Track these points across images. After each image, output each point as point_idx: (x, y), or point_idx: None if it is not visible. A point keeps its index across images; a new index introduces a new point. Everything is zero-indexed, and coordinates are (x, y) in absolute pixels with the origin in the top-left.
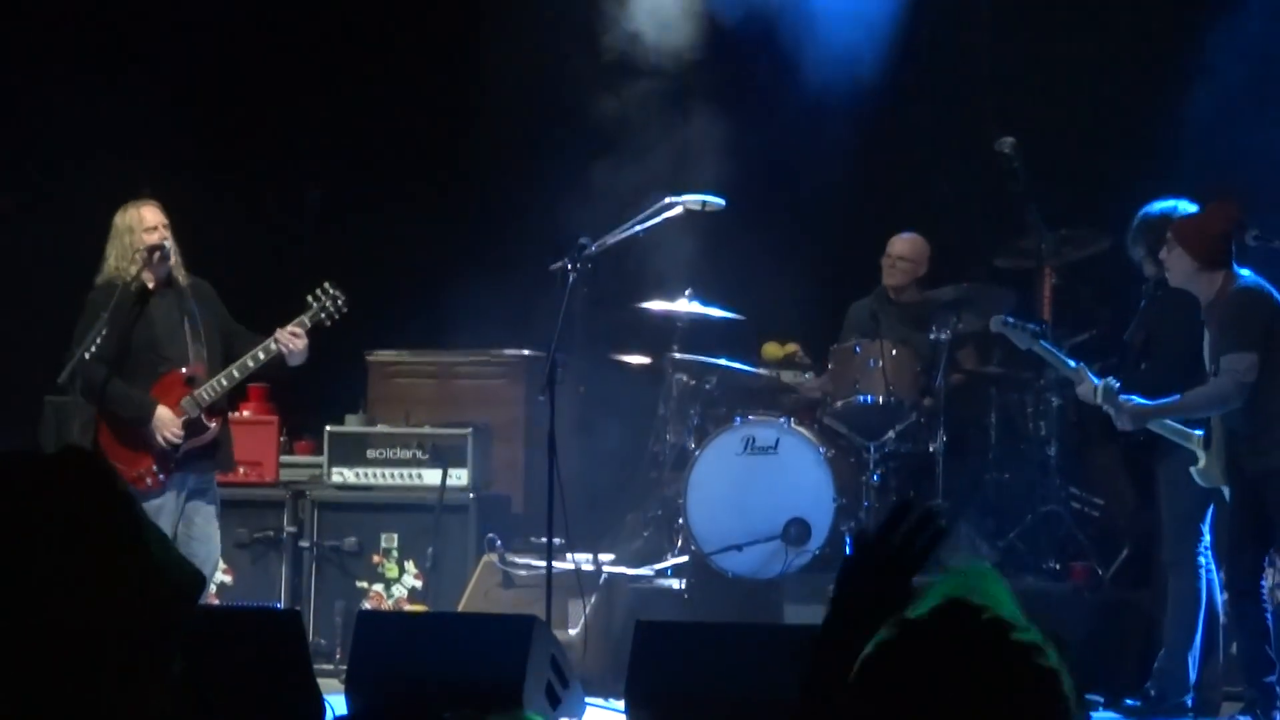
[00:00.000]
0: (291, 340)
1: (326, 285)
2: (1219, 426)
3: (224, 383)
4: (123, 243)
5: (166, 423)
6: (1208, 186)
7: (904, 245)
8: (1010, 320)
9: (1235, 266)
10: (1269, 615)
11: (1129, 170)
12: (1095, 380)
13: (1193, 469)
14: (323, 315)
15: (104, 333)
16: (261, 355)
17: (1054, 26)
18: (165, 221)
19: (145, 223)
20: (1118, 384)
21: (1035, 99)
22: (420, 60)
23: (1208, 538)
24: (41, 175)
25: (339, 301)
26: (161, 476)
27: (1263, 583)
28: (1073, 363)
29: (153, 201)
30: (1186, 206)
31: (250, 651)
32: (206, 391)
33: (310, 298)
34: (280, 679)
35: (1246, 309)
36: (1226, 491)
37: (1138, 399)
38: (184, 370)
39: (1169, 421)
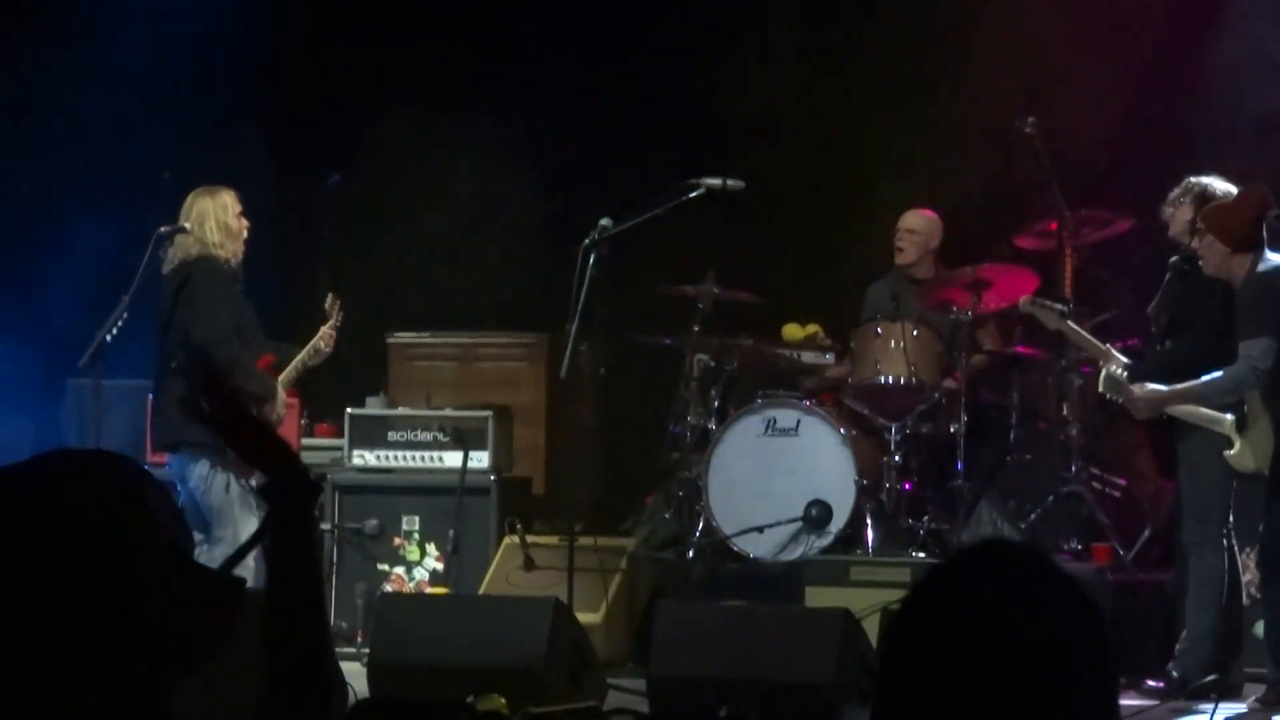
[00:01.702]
0: (332, 341)
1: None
2: (1262, 413)
3: (298, 369)
4: (225, 222)
5: (283, 402)
6: (1233, 167)
7: (912, 219)
8: (1038, 300)
9: (1266, 251)
10: None
11: (1150, 150)
12: (1123, 360)
13: (1227, 454)
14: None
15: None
16: (315, 350)
17: (1076, 5)
18: None
19: (238, 206)
20: (1124, 373)
21: (1057, 79)
22: (437, 42)
23: (1230, 519)
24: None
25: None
26: None
27: None
28: (1099, 343)
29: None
30: (1221, 183)
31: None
32: (286, 377)
33: (331, 298)
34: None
35: (1266, 293)
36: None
37: (1152, 385)
38: (273, 356)
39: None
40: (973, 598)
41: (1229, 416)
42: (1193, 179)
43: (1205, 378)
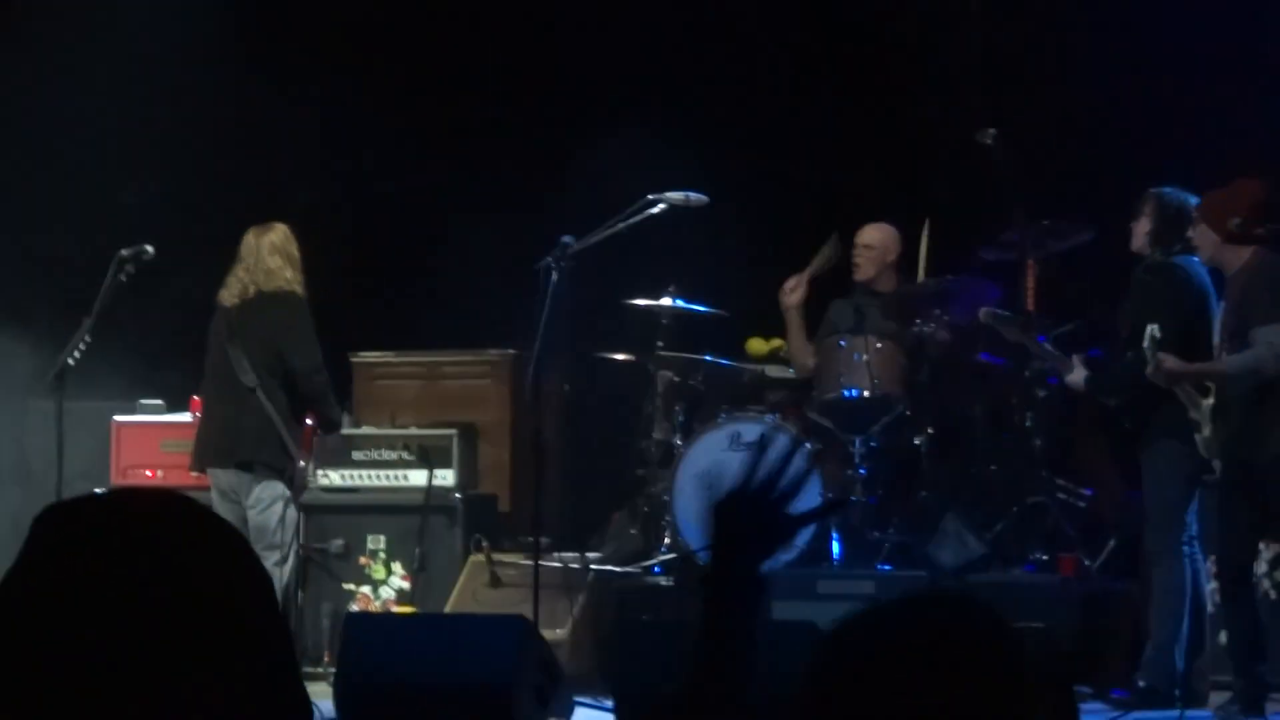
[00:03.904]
0: None
1: None
2: (1228, 402)
3: None
4: (294, 259)
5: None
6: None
7: (867, 234)
8: (999, 312)
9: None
10: (1259, 604)
11: (1113, 161)
12: (1083, 370)
13: (1197, 436)
14: None
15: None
16: None
17: (1041, 18)
18: None
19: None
20: (1160, 334)
21: (1021, 91)
22: (405, 56)
23: (1193, 527)
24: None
25: None
26: None
27: (1253, 572)
28: (1060, 353)
29: None
30: (1180, 193)
31: None
32: None
33: None
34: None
35: (1276, 280)
36: (1217, 469)
37: (1171, 359)
38: None
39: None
40: (895, 649)
41: (1208, 402)
42: (1152, 190)
43: (1232, 356)
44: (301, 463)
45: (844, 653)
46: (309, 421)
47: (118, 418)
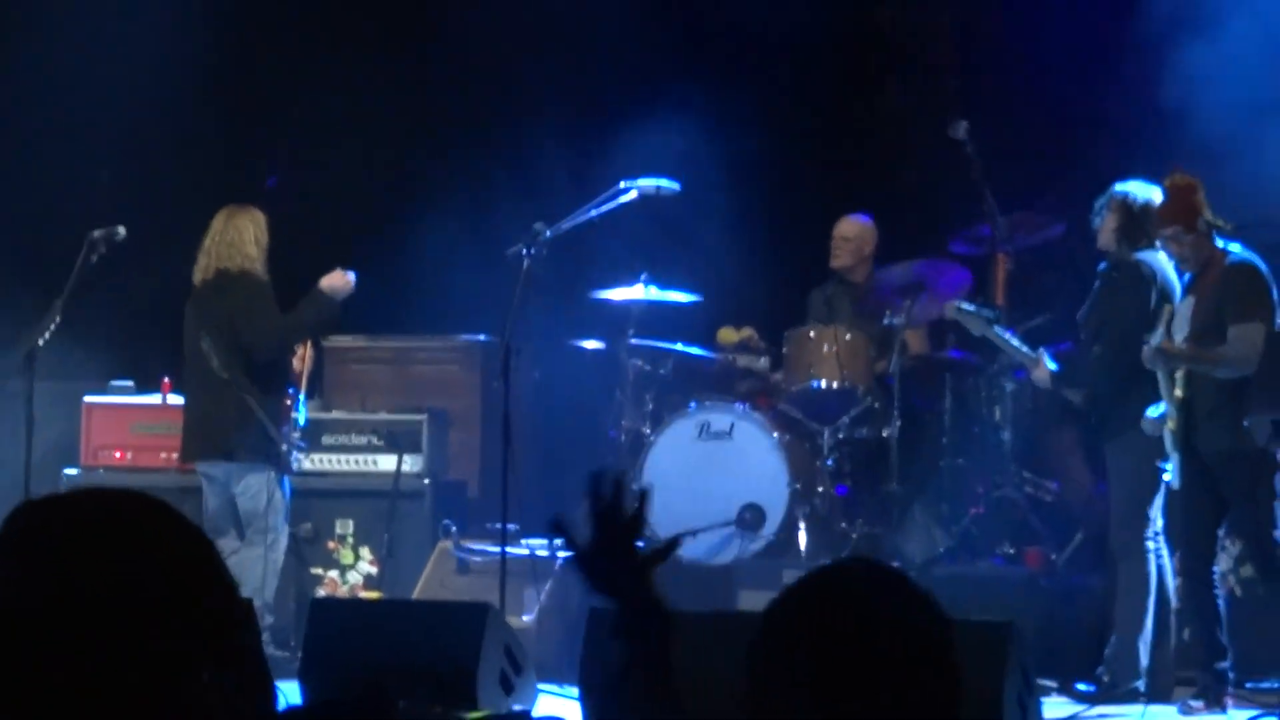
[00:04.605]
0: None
1: None
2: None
3: None
4: (261, 239)
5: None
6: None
7: (845, 226)
8: (964, 306)
9: (1218, 238)
10: (1221, 600)
11: (1084, 155)
12: (1052, 365)
13: (1166, 430)
14: None
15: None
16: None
17: (1012, 10)
18: None
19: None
20: (1050, 380)
21: (992, 83)
22: (378, 42)
23: (1159, 522)
24: None
25: None
26: None
27: (1215, 568)
28: (1026, 348)
29: None
30: (1145, 189)
31: None
32: None
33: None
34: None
35: (1254, 281)
36: (1171, 470)
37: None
38: None
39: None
40: (823, 613)
41: (1179, 393)
42: (1116, 187)
43: (1223, 346)
44: (287, 440)
45: (774, 636)
46: (290, 391)
47: (88, 398)
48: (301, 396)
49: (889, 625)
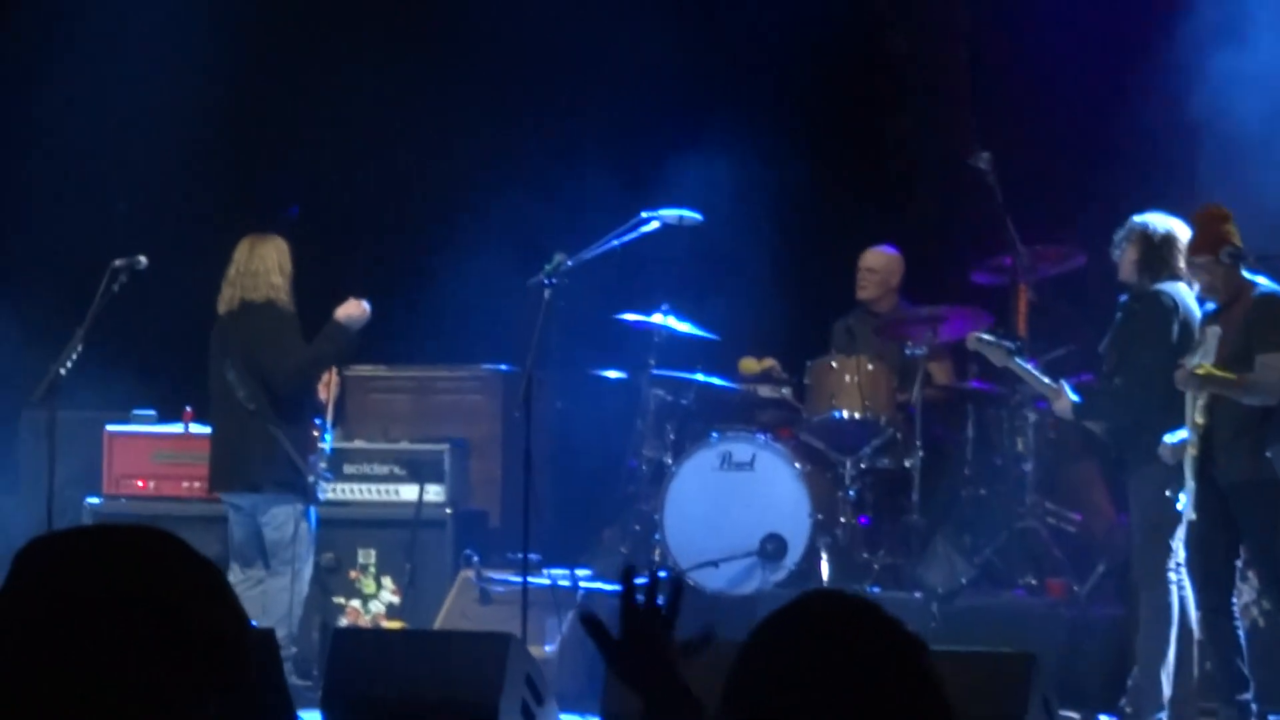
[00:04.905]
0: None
1: None
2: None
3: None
4: (286, 268)
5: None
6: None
7: (871, 258)
8: (986, 337)
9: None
10: (1241, 632)
11: (1107, 185)
12: (1073, 396)
13: (1186, 458)
14: None
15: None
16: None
17: (1032, 41)
18: None
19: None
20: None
21: (1013, 114)
22: (400, 70)
23: (1180, 554)
24: None
25: None
26: None
27: (1234, 599)
28: (1048, 379)
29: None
30: (1164, 220)
31: None
32: None
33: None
34: (254, 699)
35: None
36: (1184, 502)
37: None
38: None
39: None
40: (798, 647)
41: (1199, 420)
42: (1135, 219)
43: (1250, 373)
44: (313, 470)
45: (751, 670)
46: (316, 421)
47: (110, 427)
48: (328, 425)
49: (856, 655)
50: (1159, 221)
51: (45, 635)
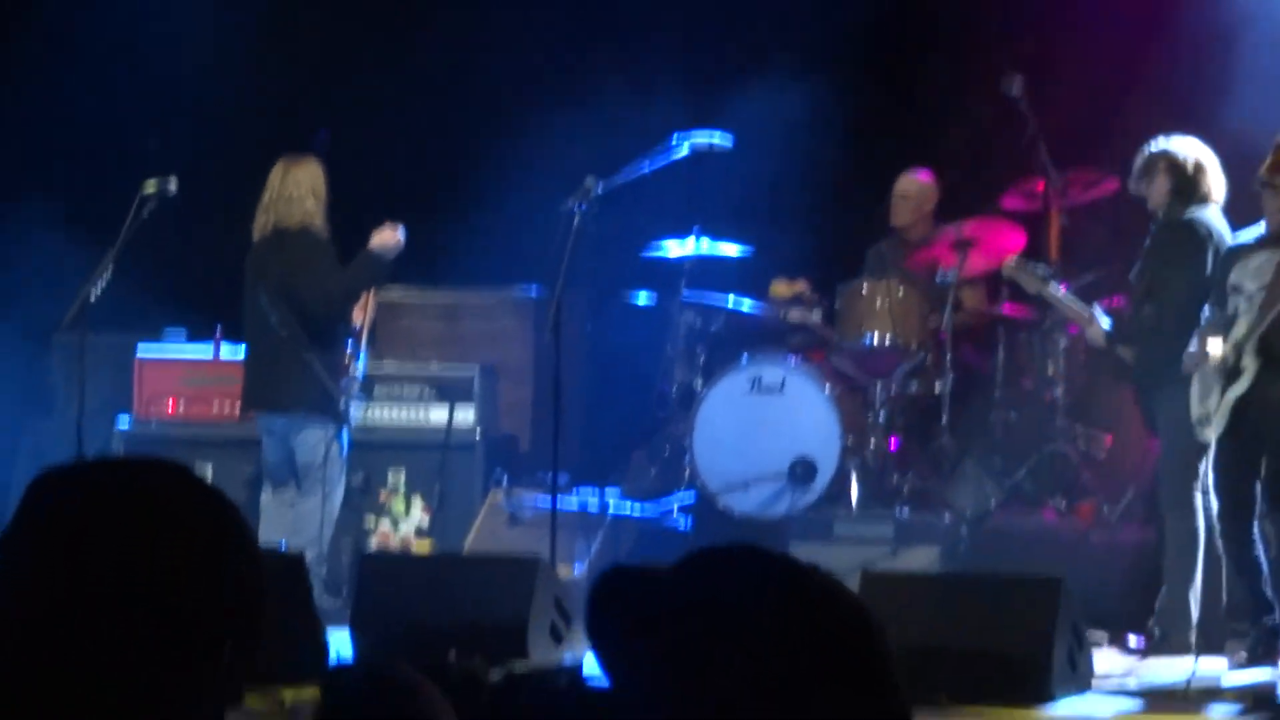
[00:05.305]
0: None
1: None
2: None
3: None
4: (320, 192)
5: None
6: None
7: (905, 183)
8: (1022, 264)
9: None
10: (1263, 555)
11: (1139, 110)
12: (1105, 323)
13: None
14: None
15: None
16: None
17: None
18: None
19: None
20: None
21: (1045, 39)
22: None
23: (1209, 477)
24: None
25: None
26: None
27: (1254, 522)
28: (1080, 306)
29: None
30: (1190, 145)
31: None
32: None
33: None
34: (283, 622)
35: None
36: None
37: None
38: None
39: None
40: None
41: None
42: (1154, 149)
43: None
44: (345, 393)
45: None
46: (349, 344)
47: (141, 352)
48: (362, 349)
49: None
50: (1184, 148)
51: (51, 580)
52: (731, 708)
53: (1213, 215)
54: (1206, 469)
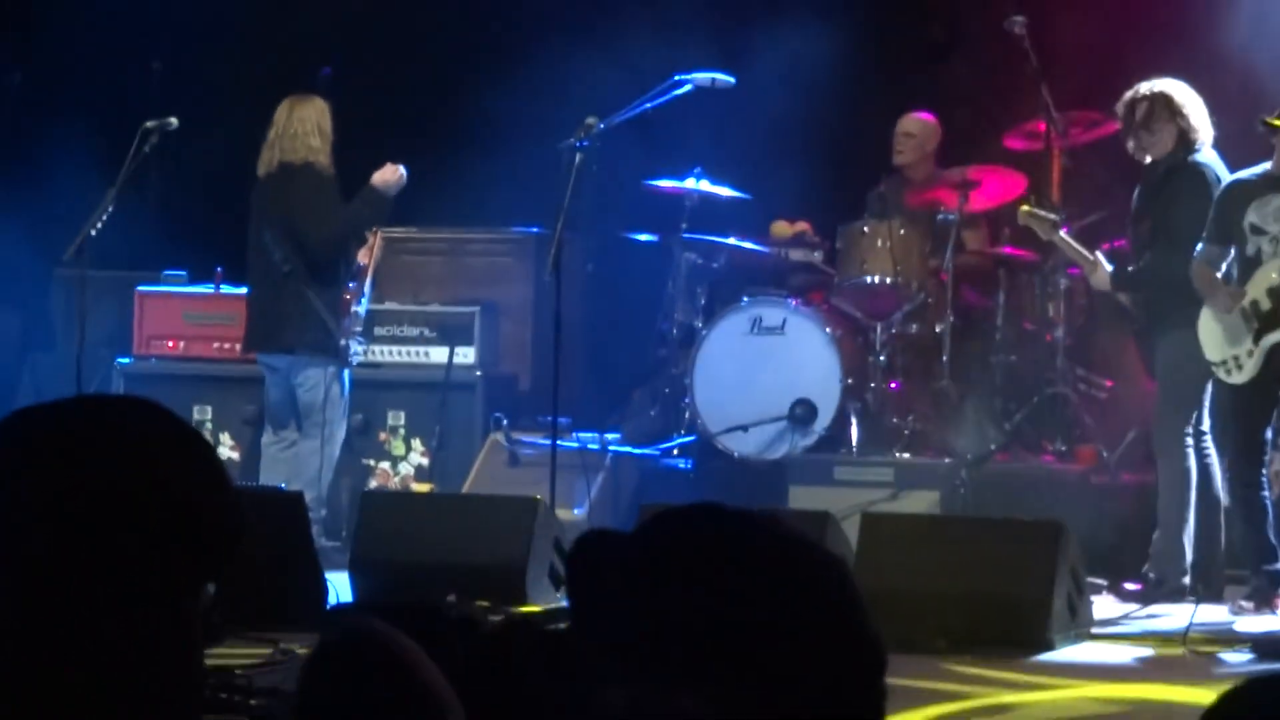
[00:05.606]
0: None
1: None
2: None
3: None
4: (325, 129)
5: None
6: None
7: (908, 123)
8: (1035, 210)
9: None
10: (1270, 502)
11: (1141, 51)
12: (1108, 267)
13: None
14: None
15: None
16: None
17: None
18: None
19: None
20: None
21: None
22: None
23: (1205, 421)
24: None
25: None
26: None
27: (1264, 469)
28: (1087, 253)
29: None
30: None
31: (253, 533)
32: None
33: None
34: (283, 562)
35: None
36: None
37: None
38: None
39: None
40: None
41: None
42: (1145, 93)
43: None
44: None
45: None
46: (352, 285)
47: (141, 288)
48: (366, 289)
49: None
50: (1178, 92)
51: (22, 519)
52: (696, 664)
53: (1214, 159)
54: (1201, 413)
